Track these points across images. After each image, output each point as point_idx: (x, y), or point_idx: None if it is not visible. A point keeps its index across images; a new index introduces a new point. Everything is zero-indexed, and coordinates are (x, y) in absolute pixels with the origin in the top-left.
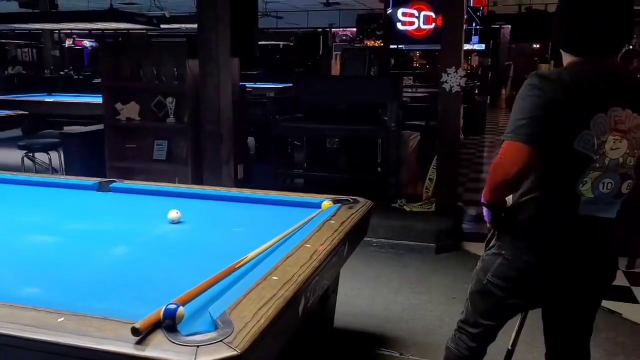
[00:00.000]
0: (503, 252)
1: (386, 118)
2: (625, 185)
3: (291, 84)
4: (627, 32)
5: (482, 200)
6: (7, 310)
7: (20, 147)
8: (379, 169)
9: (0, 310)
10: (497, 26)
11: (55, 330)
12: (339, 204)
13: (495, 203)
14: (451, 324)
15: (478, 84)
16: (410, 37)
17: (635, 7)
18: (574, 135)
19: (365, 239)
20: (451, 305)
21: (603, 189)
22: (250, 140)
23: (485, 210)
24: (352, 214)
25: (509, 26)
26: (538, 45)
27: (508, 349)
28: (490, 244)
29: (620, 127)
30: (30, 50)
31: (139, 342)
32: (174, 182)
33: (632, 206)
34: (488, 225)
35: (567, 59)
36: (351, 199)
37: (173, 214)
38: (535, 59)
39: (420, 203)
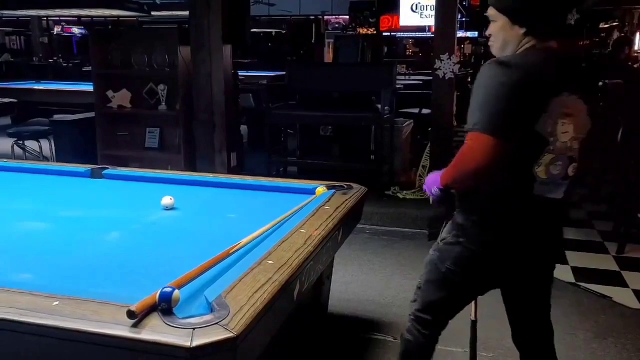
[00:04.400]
0: (460, 239)
1: (379, 105)
2: (571, 168)
3: (284, 72)
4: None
5: (440, 184)
6: (3, 295)
7: (10, 135)
8: (372, 157)
9: None
10: None
11: (51, 313)
12: (333, 190)
13: (453, 188)
14: None
15: (471, 72)
16: None
17: None
18: (535, 119)
19: (359, 225)
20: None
21: (554, 170)
22: (243, 128)
23: (438, 194)
24: (347, 199)
25: None
26: None
27: (472, 320)
28: (444, 234)
29: (567, 112)
30: (18, 37)
31: (135, 325)
32: (166, 170)
33: (620, 193)
34: (436, 204)
35: (521, 42)
36: (345, 185)
37: (167, 199)
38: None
39: (413, 190)
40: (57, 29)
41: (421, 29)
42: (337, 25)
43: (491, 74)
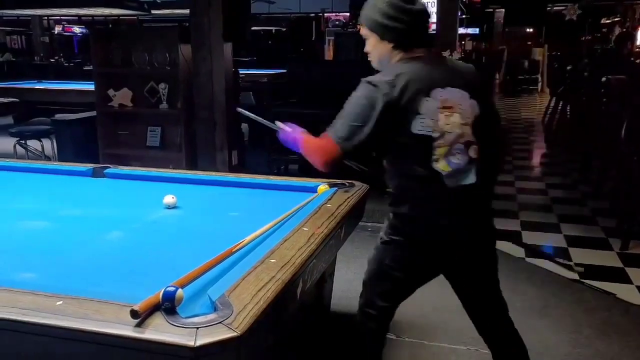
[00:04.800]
0: (394, 237)
1: None
2: (472, 151)
3: (284, 70)
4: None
5: (298, 148)
6: (5, 295)
7: (12, 135)
8: (374, 153)
9: None
10: (491, 10)
11: (54, 313)
12: (335, 188)
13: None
14: (447, 307)
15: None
16: None
17: None
18: (409, 123)
19: (361, 223)
20: (445, 288)
21: (455, 160)
22: (244, 126)
23: (290, 148)
24: (349, 197)
25: (503, 10)
26: (532, 30)
27: None
28: (382, 233)
29: (446, 105)
30: (19, 37)
31: (138, 325)
32: (168, 169)
33: (623, 189)
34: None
35: (390, 55)
36: (347, 182)
37: (169, 198)
38: (529, 43)
39: None
40: (58, 29)
41: None
42: (337, 22)
43: (359, 93)
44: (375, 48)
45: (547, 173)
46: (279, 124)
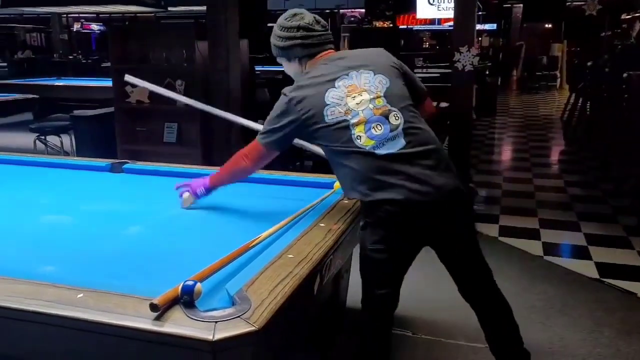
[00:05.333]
0: (367, 219)
1: None
2: (392, 117)
3: None
4: (326, 30)
5: (208, 185)
6: (29, 287)
7: (32, 130)
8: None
9: (22, 287)
10: (509, 5)
11: (75, 306)
12: None
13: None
14: (461, 304)
15: (489, 64)
16: None
17: None
18: (322, 117)
19: None
20: None
21: (376, 132)
22: (260, 123)
23: (204, 193)
24: None
25: (521, 5)
26: (550, 25)
27: None
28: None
29: (351, 88)
30: (38, 34)
31: (157, 318)
32: (185, 165)
33: None
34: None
35: (295, 68)
36: None
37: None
38: (548, 39)
39: None
40: (76, 26)
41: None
42: (352, 19)
43: (278, 102)
44: (289, 69)
45: (566, 170)
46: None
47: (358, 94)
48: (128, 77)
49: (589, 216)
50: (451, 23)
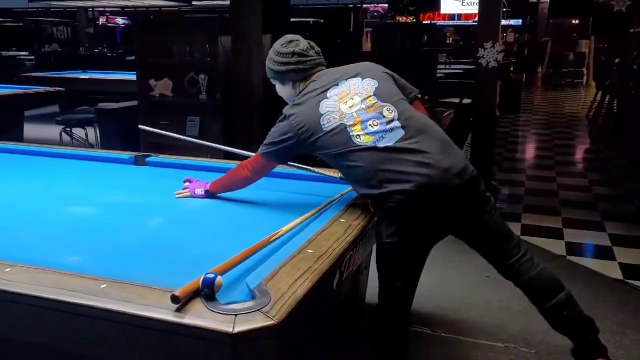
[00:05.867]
0: (379, 213)
1: (419, 96)
2: (385, 111)
3: None
4: (317, 52)
5: (207, 188)
6: (54, 277)
7: (58, 123)
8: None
9: (47, 276)
10: (535, 0)
11: (99, 296)
12: None
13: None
14: (483, 302)
15: (514, 61)
16: None
17: None
18: (318, 125)
19: None
20: (482, 284)
21: (372, 127)
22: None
23: (202, 195)
24: None
25: (548, 0)
26: (577, 21)
27: None
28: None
29: (342, 95)
30: (65, 28)
31: (178, 310)
32: (207, 158)
33: None
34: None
35: (289, 90)
36: None
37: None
38: (575, 34)
39: None
40: (102, 20)
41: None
42: (375, 14)
43: (278, 120)
44: (282, 91)
45: (590, 169)
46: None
47: (350, 99)
48: (142, 127)
49: (614, 216)
50: (474, 18)
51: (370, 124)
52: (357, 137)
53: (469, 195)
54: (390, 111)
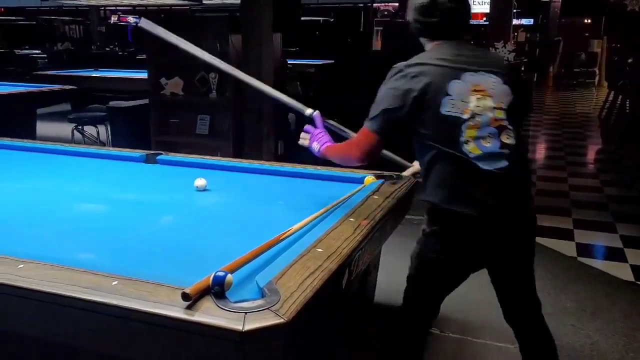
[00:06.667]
0: (435, 227)
1: None
2: (505, 136)
3: (331, 61)
4: (468, 18)
5: (322, 152)
6: (66, 273)
7: (70, 121)
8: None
9: (59, 273)
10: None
11: (111, 293)
12: (382, 180)
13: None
14: (491, 303)
15: (525, 60)
16: None
17: None
18: (438, 104)
19: (407, 216)
20: (491, 284)
21: (485, 143)
22: (291, 116)
23: (314, 152)
24: (396, 189)
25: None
26: (589, 20)
27: None
28: (424, 225)
29: (478, 88)
30: (77, 26)
31: (189, 307)
32: (218, 157)
33: None
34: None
35: (426, 45)
36: (395, 174)
37: (200, 181)
38: (587, 34)
39: None
40: (113, 19)
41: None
42: (386, 13)
43: (389, 78)
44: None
45: (602, 170)
46: (309, 112)
47: (482, 97)
48: (144, 23)
49: (626, 217)
50: (482, 18)
51: (485, 139)
52: (466, 142)
53: (526, 240)
54: (509, 137)
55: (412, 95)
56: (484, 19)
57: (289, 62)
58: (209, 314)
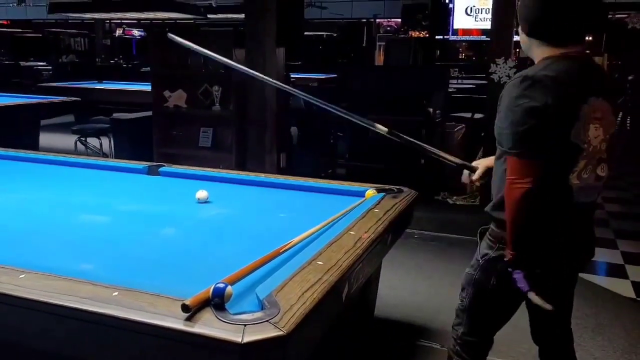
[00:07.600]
0: (502, 252)
1: (430, 109)
2: (600, 168)
3: (334, 75)
4: (593, 19)
5: (509, 256)
6: (66, 284)
7: (74, 132)
8: (422, 161)
9: (60, 284)
10: None
11: (110, 303)
12: (383, 193)
13: (523, 237)
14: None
15: None
16: None
17: None
18: (569, 129)
19: (407, 230)
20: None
21: (584, 174)
22: (293, 129)
23: (517, 274)
24: (397, 203)
25: None
26: (591, 37)
27: None
28: (484, 250)
29: (596, 115)
30: (82, 39)
31: (188, 319)
32: (219, 169)
33: None
34: (529, 293)
35: (541, 51)
36: (396, 188)
37: (201, 193)
38: (587, 51)
39: (464, 196)
40: (118, 32)
41: (466, 32)
42: (388, 28)
43: (518, 94)
44: (524, 43)
45: (604, 186)
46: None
47: (599, 125)
48: (171, 36)
49: (627, 234)
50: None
51: (587, 168)
52: (573, 172)
53: (578, 271)
54: (603, 171)
55: (549, 114)
56: (476, 35)
57: (292, 76)
58: (208, 325)
